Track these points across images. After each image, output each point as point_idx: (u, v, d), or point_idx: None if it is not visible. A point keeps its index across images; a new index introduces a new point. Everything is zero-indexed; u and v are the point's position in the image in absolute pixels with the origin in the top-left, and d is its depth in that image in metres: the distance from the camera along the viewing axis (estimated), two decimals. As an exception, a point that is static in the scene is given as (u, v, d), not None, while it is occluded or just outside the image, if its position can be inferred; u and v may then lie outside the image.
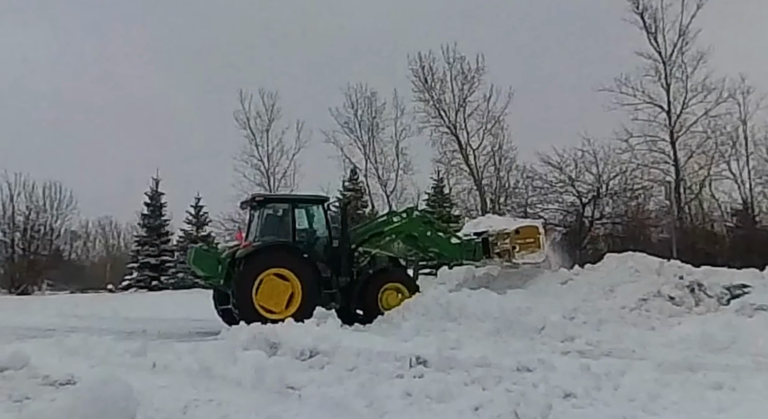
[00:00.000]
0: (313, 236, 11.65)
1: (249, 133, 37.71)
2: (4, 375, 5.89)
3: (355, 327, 9.98)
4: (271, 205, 11.59)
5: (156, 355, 6.51)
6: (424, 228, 12.43)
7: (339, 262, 11.27)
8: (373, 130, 35.07)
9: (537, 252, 11.82)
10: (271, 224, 11.36)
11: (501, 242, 11.89)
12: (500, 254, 11.89)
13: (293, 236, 11.16)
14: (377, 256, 12.31)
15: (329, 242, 11.49)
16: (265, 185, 38.25)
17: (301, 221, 11.60)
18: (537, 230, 12.24)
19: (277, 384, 4.61)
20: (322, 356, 5.88)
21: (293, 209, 11.36)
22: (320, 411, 3.70)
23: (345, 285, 11.26)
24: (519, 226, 12.20)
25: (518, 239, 11.71)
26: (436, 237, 12.50)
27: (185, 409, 4.08)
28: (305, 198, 12.13)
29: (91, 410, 3.35)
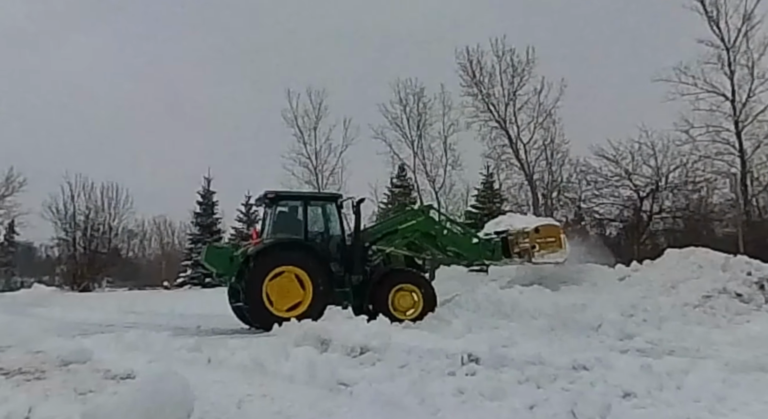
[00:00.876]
0: (326, 233, 11.59)
1: (297, 131, 38.24)
2: (70, 368, 6.20)
3: (406, 324, 9.98)
4: (284, 202, 11.50)
5: (211, 351, 6.68)
6: (441, 227, 12.37)
7: (352, 260, 11.22)
8: (422, 125, 34.96)
9: (558, 252, 11.68)
10: (283, 221, 11.31)
11: (521, 241, 11.77)
12: (520, 253, 11.75)
13: (305, 233, 11.14)
14: (392, 255, 12.15)
15: (342, 240, 11.45)
16: (313, 182, 38.71)
17: (313, 218, 11.58)
18: (558, 230, 12.19)
19: (329, 380, 4.66)
20: (372, 353, 5.92)
21: (306, 206, 11.35)
22: (372, 408, 3.72)
23: (358, 284, 11.22)
24: (539, 224, 12.09)
25: (538, 238, 11.61)
26: (455, 236, 12.44)
27: (240, 404, 4.17)
28: (318, 195, 12.18)
29: (150, 404, 3.45)
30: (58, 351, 7.10)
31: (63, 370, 6.10)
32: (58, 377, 5.68)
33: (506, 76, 31.43)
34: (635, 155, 28.41)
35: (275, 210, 11.35)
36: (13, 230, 47.66)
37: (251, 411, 3.99)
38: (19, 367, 6.28)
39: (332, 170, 38.94)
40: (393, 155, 34.71)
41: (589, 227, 30.70)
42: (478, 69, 31.63)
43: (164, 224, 51.47)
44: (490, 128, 31.51)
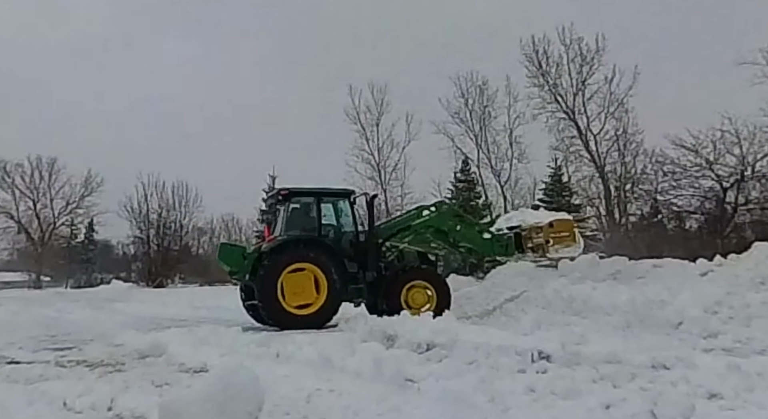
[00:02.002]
0: (339, 230, 11.56)
1: (359, 127, 38.67)
2: (147, 361, 6.55)
3: (472, 320, 9.89)
4: (297, 199, 11.42)
5: (279, 346, 6.86)
6: (454, 222, 12.24)
7: (365, 257, 11.15)
8: (485, 119, 34.53)
9: (572, 246, 11.74)
10: (296, 218, 11.27)
11: (534, 236, 11.73)
12: (534, 248, 11.78)
13: (319, 230, 11.12)
14: (405, 252, 12.11)
15: (356, 237, 11.39)
16: (376, 178, 39.04)
17: (327, 214, 11.53)
18: (572, 224, 12.12)
19: (396, 376, 4.67)
20: (439, 349, 5.89)
21: (319, 202, 11.30)
22: (440, 405, 3.70)
23: (372, 281, 11.15)
24: (552, 219, 11.98)
25: (552, 233, 11.57)
26: (467, 232, 12.34)
27: (309, 398, 4.26)
28: (331, 192, 11.88)
29: (223, 396, 3.56)
30: (136, 345, 7.51)
31: (141, 363, 6.45)
32: (137, 369, 6.00)
33: (574, 65, 30.60)
34: (717, 143, 26.85)
35: (288, 207, 11.28)
36: (92, 228, 50.74)
37: (320, 405, 4.06)
38: (101, 360, 6.69)
39: (395, 166, 39.15)
40: (456, 150, 34.49)
41: (666, 221, 29.36)
42: (545, 59, 30.93)
43: (232, 222, 53.26)
44: (558, 120, 30.77)
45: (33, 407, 4.11)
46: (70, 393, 4.44)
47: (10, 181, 49.78)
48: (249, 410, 3.60)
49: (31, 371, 5.91)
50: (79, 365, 6.39)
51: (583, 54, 30.42)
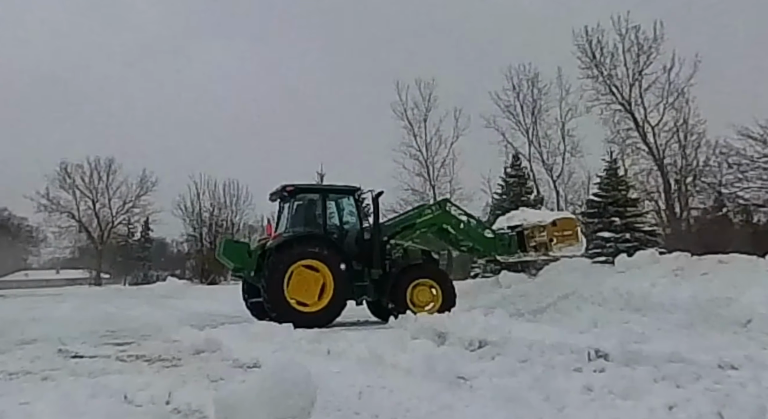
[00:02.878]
0: (345, 227, 11.51)
1: (407, 123, 38.64)
2: (202, 356, 6.74)
3: (526, 317, 9.74)
4: (302, 195, 11.39)
5: (330, 342, 6.94)
6: (457, 220, 12.21)
7: (371, 254, 11.10)
8: (537, 112, 33.94)
9: (575, 245, 11.84)
10: (301, 215, 11.25)
11: (537, 234, 11.72)
12: (536, 247, 11.84)
13: (324, 227, 11.09)
14: (409, 249, 12.04)
15: (361, 234, 11.33)
16: (424, 174, 38.95)
17: (332, 212, 11.50)
18: (574, 222, 12.18)
19: (448, 374, 4.65)
20: (491, 347, 5.83)
21: (324, 199, 11.27)
22: (493, 403, 3.66)
23: (377, 278, 11.11)
24: (555, 218, 12.05)
25: (555, 232, 11.63)
26: (470, 230, 12.37)
27: (360, 395, 4.29)
28: (336, 188, 11.82)
29: (276, 392, 3.62)
30: (192, 341, 7.73)
31: (196, 358, 6.64)
32: (193, 364, 6.18)
33: (630, 55, 29.60)
34: (787, 133, 25.53)
35: (293, 204, 11.26)
36: (148, 227, 52.69)
37: (372, 401, 4.09)
38: (159, 355, 6.93)
39: (443, 162, 38.96)
40: (506, 144, 34.04)
41: (732, 215, 28.11)
42: (599, 49, 30.04)
43: (282, 219, 54.12)
44: (613, 112, 29.86)
45: (96, 400, 4.28)
46: (131, 387, 4.61)
47: (71, 181, 52.30)
48: (302, 406, 3.65)
49: (93, 365, 6.18)
50: (138, 359, 6.64)
51: (640, 43, 29.39)
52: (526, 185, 30.65)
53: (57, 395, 4.49)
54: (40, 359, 6.61)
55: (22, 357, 6.69)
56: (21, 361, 6.41)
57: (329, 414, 3.75)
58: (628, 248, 20.18)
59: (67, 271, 66.16)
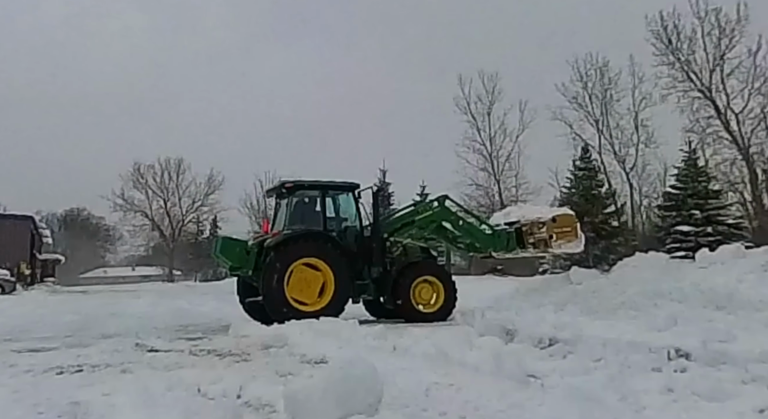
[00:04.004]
0: (345, 224, 11.30)
1: (470, 117, 38.34)
2: (270, 352, 6.92)
3: (599, 314, 9.43)
4: (301, 192, 11.16)
5: (395, 339, 6.97)
6: (457, 217, 12.00)
7: (371, 252, 10.90)
8: (607, 102, 32.83)
9: (574, 241, 11.77)
10: (300, 212, 11.05)
11: (536, 231, 11.59)
12: (535, 244, 11.74)
13: (324, 224, 10.88)
14: (408, 247, 11.81)
15: (361, 231, 11.13)
16: (488, 169, 38.51)
17: (331, 208, 11.30)
18: (574, 219, 12.02)
19: (517, 372, 4.57)
20: (563, 345, 5.70)
21: (323, 196, 11.08)
22: (566, 402, 3.56)
23: (377, 276, 10.91)
24: (555, 214, 11.91)
25: (555, 228, 11.53)
26: (469, 227, 12.20)
27: (427, 392, 4.28)
28: (336, 185, 11.55)
29: (343, 388, 3.67)
30: (260, 336, 7.97)
31: (265, 353, 6.82)
32: (261, 359, 6.36)
33: (710, 39, 28.00)
34: None
35: (291, 201, 11.04)
36: (216, 224, 54.64)
37: (439, 398, 4.07)
38: (229, 349, 7.17)
39: (508, 156, 38.43)
40: (574, 137, 33.10)
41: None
42: (675, 34, 28.61)
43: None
44: (692, 99, 28.38)
45: (172, 392, 4.48)
46: (204, 380, 4.79)
47: (144, 182, 55.02)
48: (369, 401, 3.69)
49: (168, 358, 6.46)
50: (209, 354, 6.90)
51: (721, 26, 27.76)
52: (596, 178, 29.69)
53: (136, 387, 4.73)
54: (119, 352, 6.98)
55: (103, 351, 7.07)
56: (102, 354, 6.79)
57: (396, 410, 3.76)
58: (710, 242, 19.23)
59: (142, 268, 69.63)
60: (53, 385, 4.99)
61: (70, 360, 6.41)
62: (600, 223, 27.03)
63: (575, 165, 30.05)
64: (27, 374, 5.61)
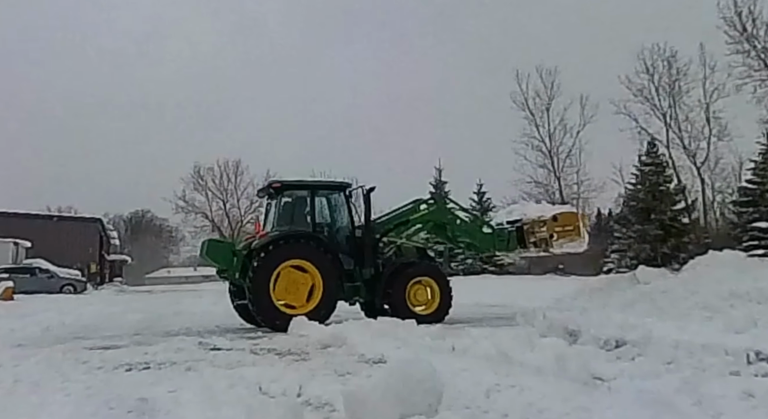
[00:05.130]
0: (335, 225, 11.03)
1: (528, 113, 37.73)
2: (329, 351, 7.01)
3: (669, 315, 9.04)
4: (289, 192, 10.95)
5: (454, 339, 6.92)
6: (454, 216, 11.67)
7: (362, 253, 10.59)
8: (675, 95, 31.65)
9: (577, 240, 11.53)
10: (288, 212, 10.84)
11: (537, 230, 11.33)
12: (537, 243, 11.48)
13: (313, 225, 10.63)
14: (404, 247, 11.41)
15: (352, 232, 10.84)
16: (548, 166, 37.78)
17: (321, 209, 11.04)
18: (576, 217, 11.78)
19: (582, 374, 4.46)
20: (630, 346, 5.51)
21: (312, 196, 10.79)
22: (636, 406, 3.44)
23: (369, 278, 10.60)
24: (556, 212, 11.66)
25: (556, 227, 11.28)
26: (467, 226, 11.88)
27: (488, 393, 4.23)
28: (326, 185, 11.34)
29: (402, 387, 3.68)
30: (318, 336, 8.08)
31: (323, 353, 6.93)
32: (320, 358, 6.46)
33: (790, 24, 26.47)
34: None
35: (280, 201, 10.86)
36: (274, 227, 55.66)
37: (500, 400, 4.02)
38: (288, 348, 7.31)
39: (568, 152, 37.62)
40: (640, 131, 32.06)
41: None
42: (750, 21, 27.26)
43: (399, 216, 54.87)
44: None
45: (234, 390, 4.62)
46: (264, 379, 4.91)
47: (204, 184, 56.72)
48: (429, 402, 3.68)
49: (230, 357, 6.65)
50: (269, 353, 7.06)
51: (802, 9, 26.25)
52: (664, 173, 28.63)
53: (199, 385, 4.91)
54: (183, 351, 7.23)
55: (168, 349, 7.35)
56: (167, 352, 7.05)
57: (456, 411, 3.73)
58: (790, 239, 18.21)
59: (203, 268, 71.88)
60: (122, 382, 5.22)
61: (137, 357, 6.70)
62: (669, 220, 26.08)
63: (641, 160, 29.05)
64: (98, 370, 5.91)
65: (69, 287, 31.86)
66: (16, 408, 4.25)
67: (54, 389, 4.89)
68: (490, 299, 16.52)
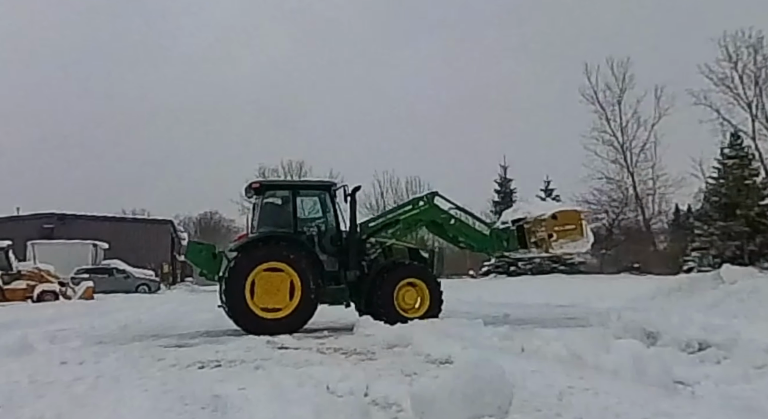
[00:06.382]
0: (318, 226, 10.65)
1: (598, 107, 36.55)
2: (394, 351, 7.04)
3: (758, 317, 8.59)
4: (271, 192, 10.68)
5: (523, 340, 6.81)
6: (448, 215, 11.20)
7: (347, 255, 10.22)
8: (762, 83, 29.83)
9: (579, 241, 11.12)
10: (270, 213, 10.55)
11: (538, 229, 11.04)
12: (537, 243, 11.15)
13: (295, 226, 10.27)
14: (394, 248, 10.93)
15: (337, 233, 10.44)
16: (620, 161, 36.48)
17: (304, 209, 10.72)
18: (578, 215, 11.39)
19: (662, 378, 4.29)
20: (715, 349, 5.26)
21: (294, 196, 10.43)
22: (723, 412, 3.28)
23: (355, 280, 10.22)
24: (556, 211, 11.28)
25: (556, 226, 10.91)
26: (463, 225, 11.73)
27: (560, 395, 4.13)
28: (309, 184, 10.96)
29: (470, 388, 3.65)
30: (384, 336, 8.13)
31: (389, 352, 6.96)
32: (386, 358, 6.49)
33: None
34: None
35: (262, 202, 10.59)
36: (337, 225, 56.45)
37: (574, 404, 3.91)
38: (354, 348, 7.39)
39: (643, 146, 36.15)
40: (722, 122, 30.39)
41: None
42: None
43: (465, 214, 54.46)
44: None
45: (303, 389, 4.71)
46: (332, 378, 4.98)
47: (269, 185, 57.91)
48: (498, 404, 3.63)
49: (298, 356, 6.79)
50: (336, 352, 7.16)
51: None
52: (749, 167, 27.05)
53: (268, 383, 5.03)
54: (253, 349, 7.44)
55: (237, 348, 7.59)
56: (237, 351, 7.28)
57: (528, 414, 3.67)
58: None
59: (270, 269, 73.75)
60: (196, 379, 5.43)
61: (209, 355, 6.95)
62: (756, 216, 24.66)
63: (723, 153, 27.57)
64: (173, 368, 6.17)
65: (144, 286, 33.44)
66: (98, 402, 4.50)
67: (132, 385, 5.15)
68: (560, 299, 16.15)
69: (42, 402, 4.41)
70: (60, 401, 4.47)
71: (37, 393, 4.81)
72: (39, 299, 22.26)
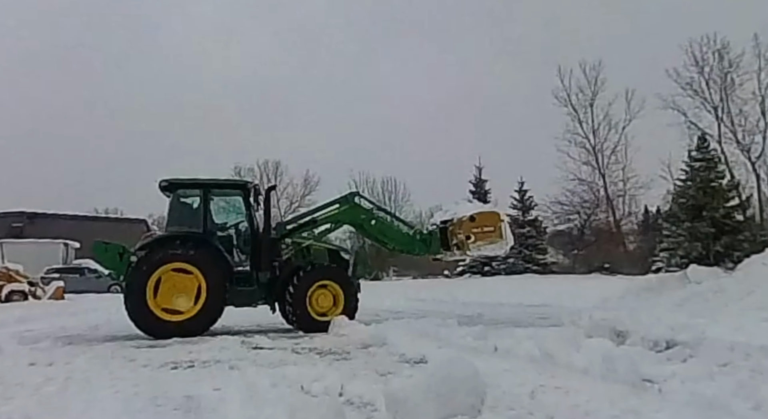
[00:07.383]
0: (229, 226, 10.58)
1: (570, 110, 37.05)
2: (369, 351, 7.04)
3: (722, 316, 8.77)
4: (181, 191, 10.36)
5: (496, 339, 6.86)
6: (368, 216, 11.17)
7: (259, 255, 10.10)
8: (727, 88, 30.52)
9: (498, 242, 10.99)
10: (180, 212, 10.30)
11: (458, 231, 10.91)
12: (458, 245, 10.96)
13: (204, 225, 10.06)
14: (313, 249, 10.77)
15: (251, 234, 10.31)
16: (592, 163, 37.03)
17: (215, 209, 10.57)
18: (498, 217, 11.18)
19: (631, 376, 4.36)
20: (682, 348, 5.35)
21: (205, 195, 10.23)
22: (688, 410, 3.35)
23: (266, 281, 10.10)
24: (474, 212, 11.09)
25: (474, 228, 10.82)
26: (383, 226, 11.48)
27: (533, 394, 4.18)
28: (222, 183, 10.76)
29: (443, 387, 3.66)
30: (358, 335, 8.13)
31: (364, 352, 6.96)
32: (361, 358, 6.49)
33: None
34: None
35: (174, 200, 10.32)
36: (315, 227, 56.24)
37: (546, 402, 3.96)
38: (329, 348, 7.37)
39: (613, 148, 36.73)
40: (689, 125, 31.03)
41: None
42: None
43: (439, 215, 54.78)
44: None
45: (277, 389, 4.68)
46: (306, 378, 4.95)
47: (244, 185, 57.43)
48: (471, 403, 3.65)
49: (272, 356, 6.75)
50: (311, 352, 7.13)
51: None
52: (716, 169, 27.66)
53: (243, 383, 5.00)
54: (227, 349, 7.37)
55: (211, 348, 7.50)
56: (211, 351, 7.21)
57: (500, 413, 3.70)
58: None
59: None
60: (168, 379, 5.36)
61: (182, 355, 6.87)
62: (721, 217, 25.22)
63: (691, 156, 28.14)
64: (145, 368, 6.08)
65: (116, 287, 32.86)
66: (69, 404, 4.41)
67: (103, 386, 5.06)
68: (533, 299, 16.33)
69: (11, 405, 4.31)
70: (29, 403, 4.37)
71: (5, 395, 4.69)
72: (7, 299, 21.71)
